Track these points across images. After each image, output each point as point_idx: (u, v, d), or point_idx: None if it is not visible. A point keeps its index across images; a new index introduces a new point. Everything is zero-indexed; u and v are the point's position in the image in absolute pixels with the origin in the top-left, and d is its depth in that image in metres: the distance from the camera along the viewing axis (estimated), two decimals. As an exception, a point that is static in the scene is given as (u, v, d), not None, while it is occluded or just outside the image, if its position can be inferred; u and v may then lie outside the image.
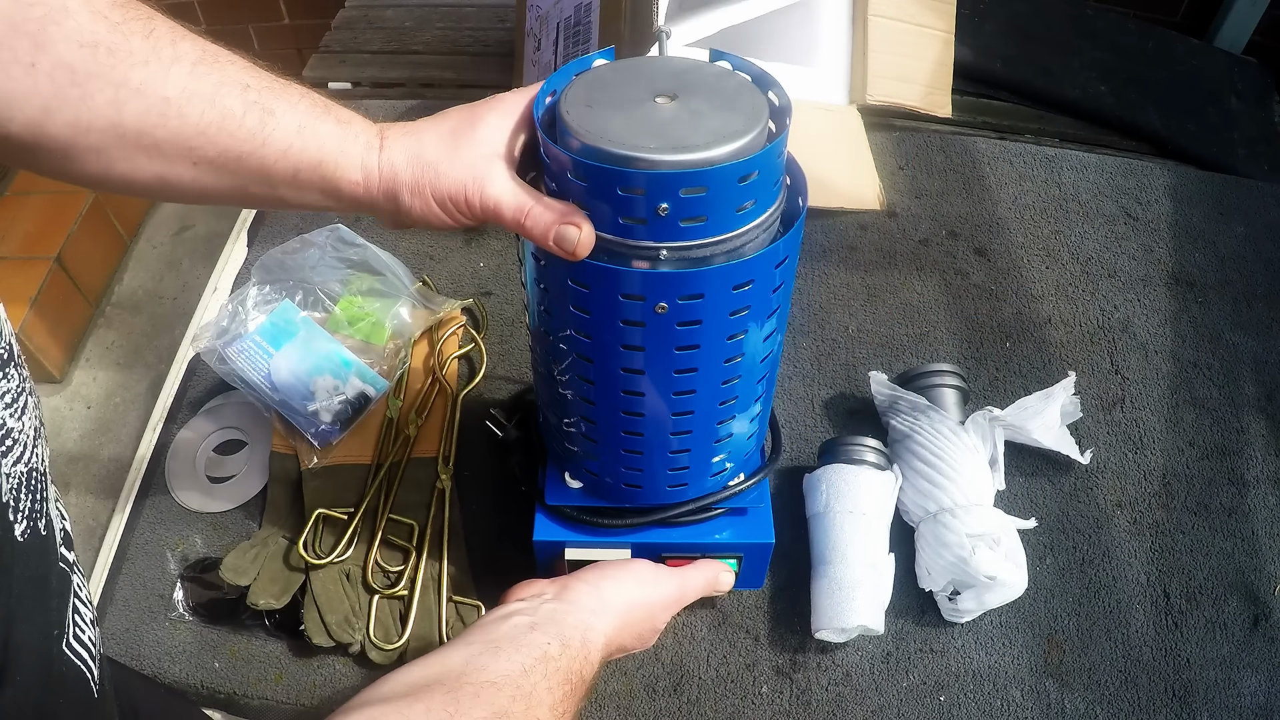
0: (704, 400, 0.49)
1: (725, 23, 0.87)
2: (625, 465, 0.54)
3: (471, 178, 0.43)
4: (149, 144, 0.39)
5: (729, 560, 0.59)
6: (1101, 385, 0.78)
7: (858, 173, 0.91)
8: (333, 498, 0.69)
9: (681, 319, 0.44)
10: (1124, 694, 0.62)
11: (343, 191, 0.44)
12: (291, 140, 0.42)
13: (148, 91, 0.38)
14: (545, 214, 0.42)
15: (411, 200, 0.44)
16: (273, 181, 0.43)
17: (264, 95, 0.41)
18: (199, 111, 0.39)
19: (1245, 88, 1.07)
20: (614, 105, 0.43)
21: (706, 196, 0.40)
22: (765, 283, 0.45)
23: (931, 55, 0.96)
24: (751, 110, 0.42)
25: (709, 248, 0.42)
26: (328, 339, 0.75)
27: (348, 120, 0.44)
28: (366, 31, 1.16)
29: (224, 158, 0.41)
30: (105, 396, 1.70)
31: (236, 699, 0.63)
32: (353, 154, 0.43)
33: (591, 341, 0.47)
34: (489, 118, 0.44)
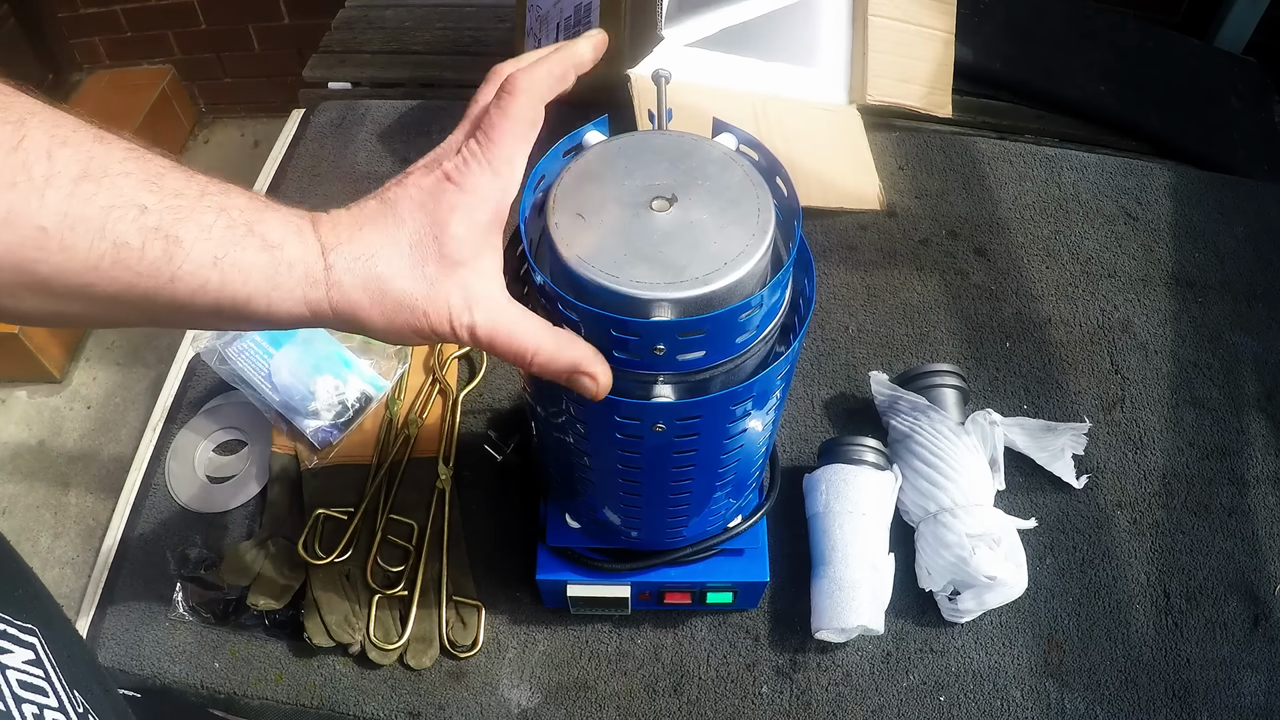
0: (702, 482, 0.50)
1: (725, 23, 0.87)
2: (624, 522, 0.55)
3: (456, 311, 0.37)
4: (30, 283, 0.32)
5: (724, 593, 0.61)
6: (1101, 385, 0.78)
7: (858, 173, 0.91)
8: (333, 498, 0.69)
9: (680, 433, 0.43)
10: (1124, 694, 0.62)
11: (281, 322, 0.37)
12: (207, 275, 0.34)
13: (17, 221, 0.30)
14: (553, 362, 0.37)
15: (384, 333, 0.38)
16: (192, 315, 0.35)
17: (167, 218, 0.33)
18: (86, 244, 0.31)
19: (1245, 88, 1.07)
20: (607, 214, 0.39)
21: (705, 337, 0.38)
22: (766, 393, 0.44)
23: (932, 55, 0.96)
24: (756, 218, 0.39)
25: (708, 371, 0.41)
26: (328, 339, 0.75)
27: (278, 242, 0.35)
28: (366, 31, 1.16)
29: (127, 295, 0.33)
30: (105, 396, 1.70)
31: (236, 699, 0.63)
32: (288, 287, 0.35)
33: (589, 441, 0.47)
34: (453, 225, 0.37)
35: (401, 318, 0.37)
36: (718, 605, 0.63)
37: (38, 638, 0.35)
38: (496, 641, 0.65)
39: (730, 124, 0.44)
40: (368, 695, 0.62)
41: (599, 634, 0.65)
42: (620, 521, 0.55)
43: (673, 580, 0.60)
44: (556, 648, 0.64)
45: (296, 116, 1.04)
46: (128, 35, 2.09)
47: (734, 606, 0.64)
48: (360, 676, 0.63)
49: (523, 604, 0.66)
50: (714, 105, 0.75)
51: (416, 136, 0.98)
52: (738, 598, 0.62)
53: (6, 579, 0.37)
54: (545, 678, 0.63)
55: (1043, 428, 0.71)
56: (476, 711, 0.62)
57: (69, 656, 0.37)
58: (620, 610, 0.62)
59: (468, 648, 0.64)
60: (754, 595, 0.63)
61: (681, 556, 0.58)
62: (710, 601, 0.62)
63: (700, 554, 0.58)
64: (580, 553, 0.59)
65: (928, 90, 0.96)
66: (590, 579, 0.60)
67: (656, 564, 0.59)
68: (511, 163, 0.38)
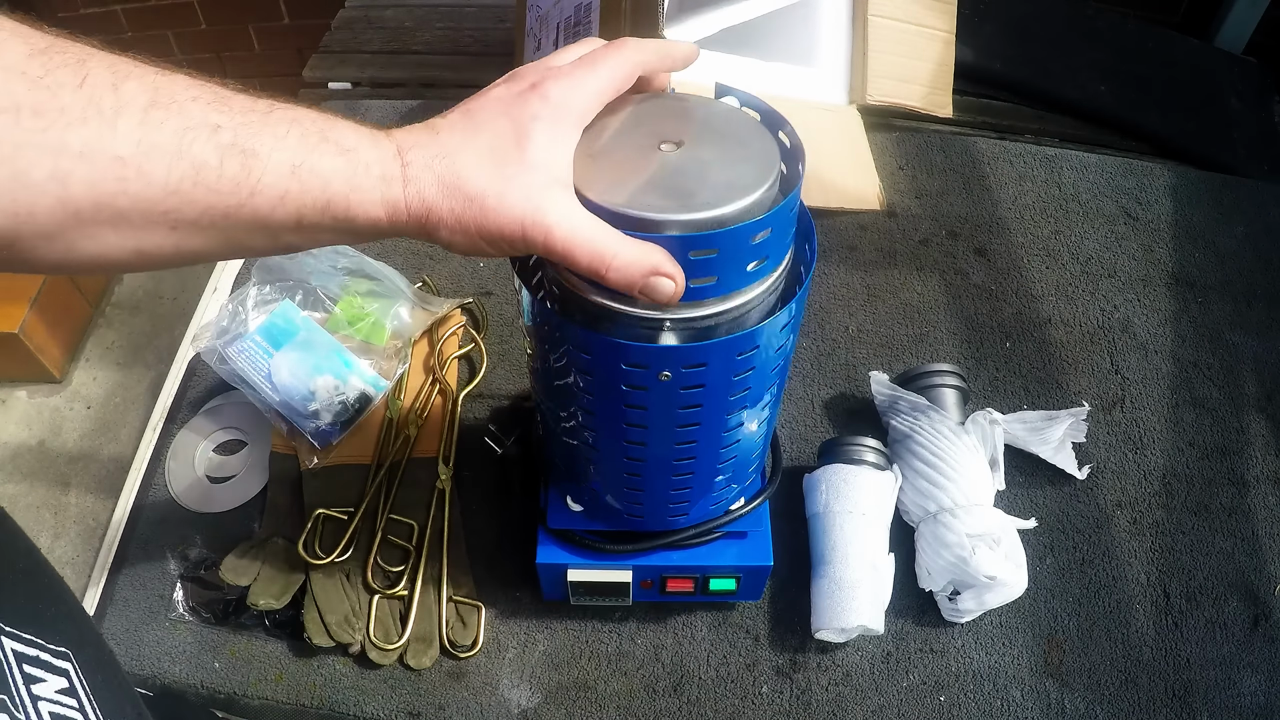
0: (706, 447, 0.49)
1: (725, 23, 0.87)
2: (627, 499, 0.55)
3: (530, 212, 0.36)
4: (111, 216, 0.32)
5: (727, 580, 0.60)
6: (1101, 385, 0.78)
7: (858, 173, 0.91)
8: (333, 498, 0.69)
9: (686, 384, 0.44)
10: (1124, 694, 0.62)
11: (361, 230, 0.37)
12: (287, 185, 0.34)
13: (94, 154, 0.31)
14: (632, 266, 0.36)
15: (451, 236, 0.37)
16: (272, 231, 0.36)
17: (241, 134, 0.33)
18: (164, 168, 0.32)
19: (1245, 88, 1.07)
20: (618, 154, 0.40)
21: (717, 257, 0.38)
22: (771, 345, 0.44)
23: (932, 55, 0.96)
24: (762, 158, 0.40)
25: (714, 317, 0.41)
26: (328, 339, 0.75)
27: (352, 146, 0.36)
28: (366, 31, 1.16)
29: (208, 216, 0.34)
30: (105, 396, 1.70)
31: (236, 699, 0.63)
32: (367, 189, 0.36)
33: (594, 398, 0.46)
34: (536, 131, 0.37)
35: (470, 214, 0.36)
36: (721, 594, 0.62)
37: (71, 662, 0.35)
38: (496, 641, 0.65)
39: (733, 87, 0.45)
40: (368, 695, 0.63)
41: (599, 634, 0.65)
42: (623, 501, 0.55)
43: (675, 564, 0.59)
44: (556, 648, 0.64)
45: (296, 116, 1.04)
46: (128, 35, 2.09)
47: (737, 597, 0.63)
48: (360, 676, 0.63)
49: (523, 604, 0.66)
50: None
51: (416, 136, 0.98)
52: (741, 585, 0.60)
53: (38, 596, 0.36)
54: (545, 678, 0.63)
55: (1043, 418, 0.71)
56: (476, 711, 0.62)
57: (102, 680, 0.36)
58: (621, 599, 0.61)
59: (468, 648, 0.64)
60: (757, 584, 0.62)
61: (684, 538, 0.57)
62: (713, 589, 0.61)
63: (703, 536, 0.58)
64: (581, 535, 0.58)
65: (928, 90, 0.96)
66: (591, 561, 0.58)
67: (659, 545, 0.58)
68: (600, 96, 0.38)
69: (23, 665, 0.32)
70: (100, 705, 0.35)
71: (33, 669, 0.33)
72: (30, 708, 0.31)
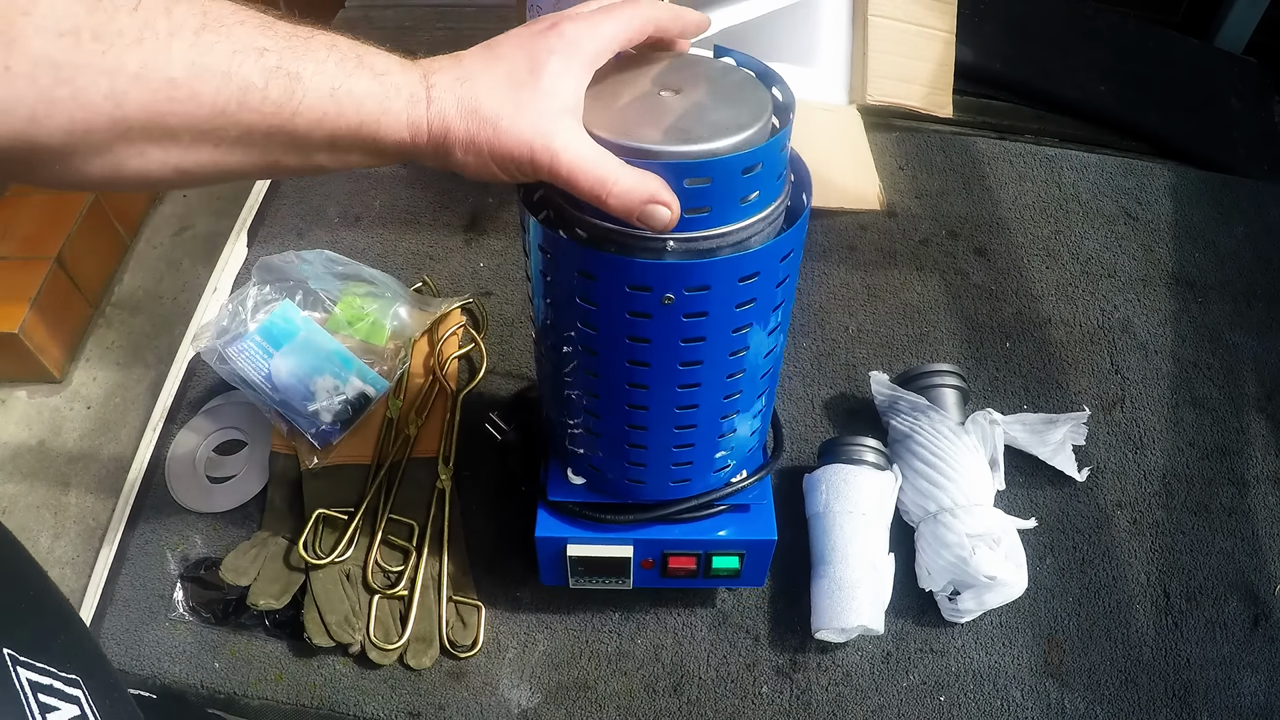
0: (708, 394, 0.49)
1: (725, 23, 0.87)
2: (628, 460, 0.54)
3: (539, 137, 0.39)
4: (161, 134, 0.34)
5: (731, 557, 0.59)
6: (1101, 385, 0.78)
7: (858, 173, 0.91)
8: (333, 498, 0.69)
9: (688, 311, 0.44)
10: (1124, 694, 0.62)
11: (386, 151, 0.40)
12: (325, 107, 0.37)
13: (149, 75, 0.33)
14: (631, 193, 0.39)
15: (465, 157, 0.40)
16: (308, 151, 0.38)
17: (285, 58, 0.36)
18: (213, 89, 0.34)
19: (1245, 88, 1.07)
20: (619, 96, 0.43)
21: (711, 188, 0.40)
22: (770, 276, 0.45)
23: (932, 55, 0.96)
24: (755, 104, 0.43)
25: (715, 239, 0.43)
26: (328, 339, 0.75)
27: (385, 70, 0.38)
28: (366, 31, 1.16)
29: (250, 136, 0.36)
30: (105, 396, 1.70)
31: (236, 699, 0.63)
32: (396, 111, 0.38)
33: (597, 334, 0.47)
34: (550, 63, 0.39)
35: (484, 134, 0.39)
36: (724, 576, 0.60)
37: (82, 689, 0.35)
38: (496, 641, 0.65)
39: (730, 48, 0.47)
40: (368, 695, 0.62)
41: (599, 634, 0.65)
42: (625, 464, 0.54)
43: (677, 538, 0.57)
44: (556, 648, 0.64)
45: (296, 116, 1.04)
46: (128, 35, 2.09)
47: (740, 581, 0.61)
48: (360, 676, 0.63)
49: (523, 604, 0.66)
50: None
51: (416, 136, 0.98)
52: (744, 564, 0.59)
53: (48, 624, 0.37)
54: (545, 678, 0.63)
55: (1043, 421, 0.71)
56: (476, 711, 0.62)
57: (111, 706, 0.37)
58: (622, 581, 0.60)
59: (468, 648, 0.64)
60: (760, 564, 0.60)
61: (686, 508, 0.56)
62: (716, 569, 0.59)
63: (705, 508, 0.57)
64: (581, 508, 0.57)
65: (928, 90, 0.96)
66: (591, 534, 0.57)
67: (661, 516, 0.57)
68: (612, 41, 0.41)
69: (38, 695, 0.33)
70: None
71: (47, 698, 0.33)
72: None
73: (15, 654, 0.33)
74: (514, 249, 0.88)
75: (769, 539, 0.58)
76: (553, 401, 0.56)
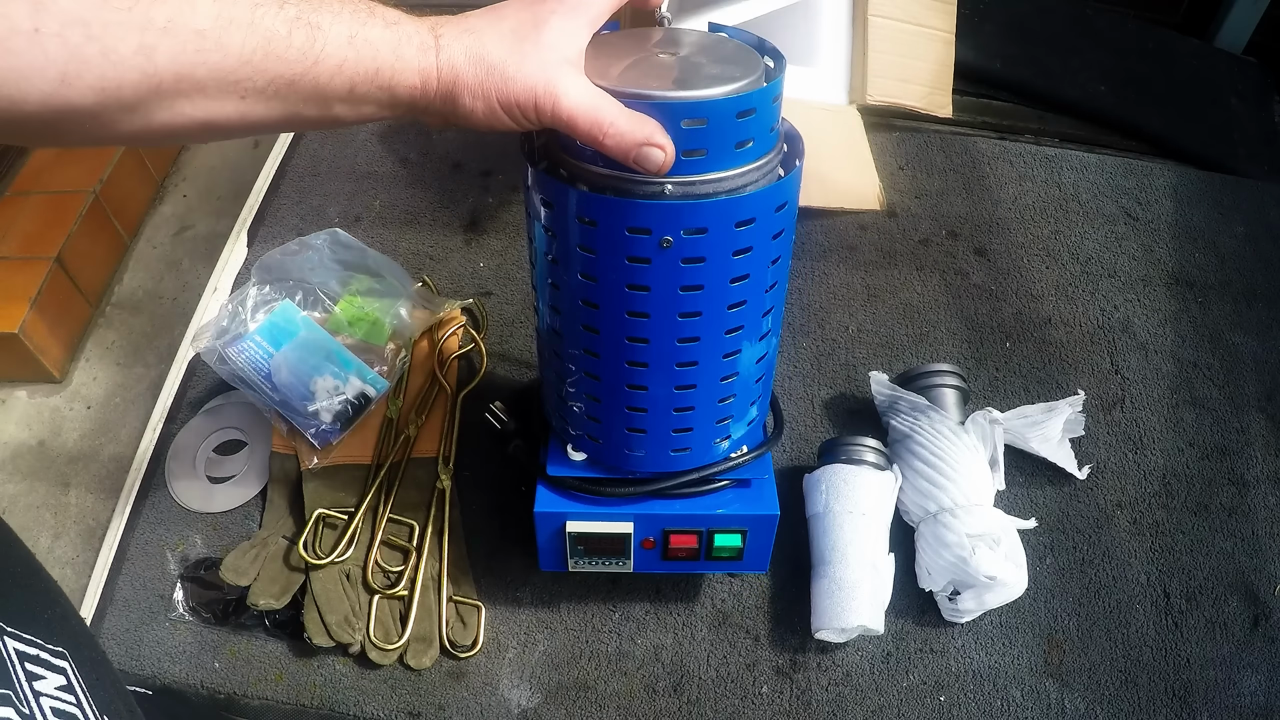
0: (707, 349, 0.49)
1: (725, 23, 0.87)
2: (628, 426, 0.53)
3: (542, 82, 0.41)
4: (189, 87, 0.35)
5: (733, 535, 0.57)
6: (1101, 385, 0.78)
7: (858, 173, 0.91)
8: (333, 498, 0.69)
9: (686, 255, 0.45)
10: (1124, 694, 0.62)
11: (399, 98, 0.41)
12: (345, 54, 0.38)
13: (177, 28, 0.34)
14: (627, 135, 0.41)
15: (473, 103, 0.41)
16: (327, 100, 0.39)
17: (305, 9, 0.37)
18: (239, 40, 0.35)
19: (1245, 88, 1.07)
20: (619, 58, 0.45)
21: (706, 130, 0.42)
22: (766, 224, 0.46)
23: (932, 55, 0.96)
24: (749, 64, 0.45)
25: (711, 184, 0.44)
26: (328, 339, 0.75)
27: (396, 20, 0.40)
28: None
29: (274, 85, 0.37)
30: (105, 396, 1.70)
31: (236, 699, 0.63)
32: (408, 57, 0.40)
33: (597, 284, 0.47)
34: (552, 20, 0.41)
35: (492, 81, 0.40)
36: (726, 559, 0.59)
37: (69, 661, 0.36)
38: (496, 641, 0.65)
39: (726, 25, 0.51)
40: (368, 695, 0.62)
41: (599, 634, 0.65)
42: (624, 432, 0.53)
43: (678, 513, 0.57)
44: (556, 648, 0.64)
45: (297, 116, 1.04)
46: (128, 35, 2.09)
47: (742, 565, 0.60)
48: (360, 676, 0.63)
49: (523, 604, 0.66)
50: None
51: (416, 136, 0.98)
52: (747, 544, 0.58)
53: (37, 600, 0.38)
54: (545, 678, 0.63)
55: (1042, 411, 0.71)
56: (476, 711, 0.62)
57: (97, 679, 0.37)
58: (623, 563, 0.59)
59: (468, 648, 0.64)
60: (763, 544, 0.59)
61: (687, 482, 0.56)
62: (718, 549, 0.58)
63: (706, 482, 0.56)
64: (581, 482, 0.57)
65: (928, 90, 0.96)
66: (591, 510, 0.57)
67: (662, 489, 0.56)
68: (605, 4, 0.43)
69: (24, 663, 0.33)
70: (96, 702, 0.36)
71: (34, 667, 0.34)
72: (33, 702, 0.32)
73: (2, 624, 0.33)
74: (514, 249, 0.88)
75: (771, 514, 0.56)
76: (553, 366, 0.55)
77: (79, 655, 0.37)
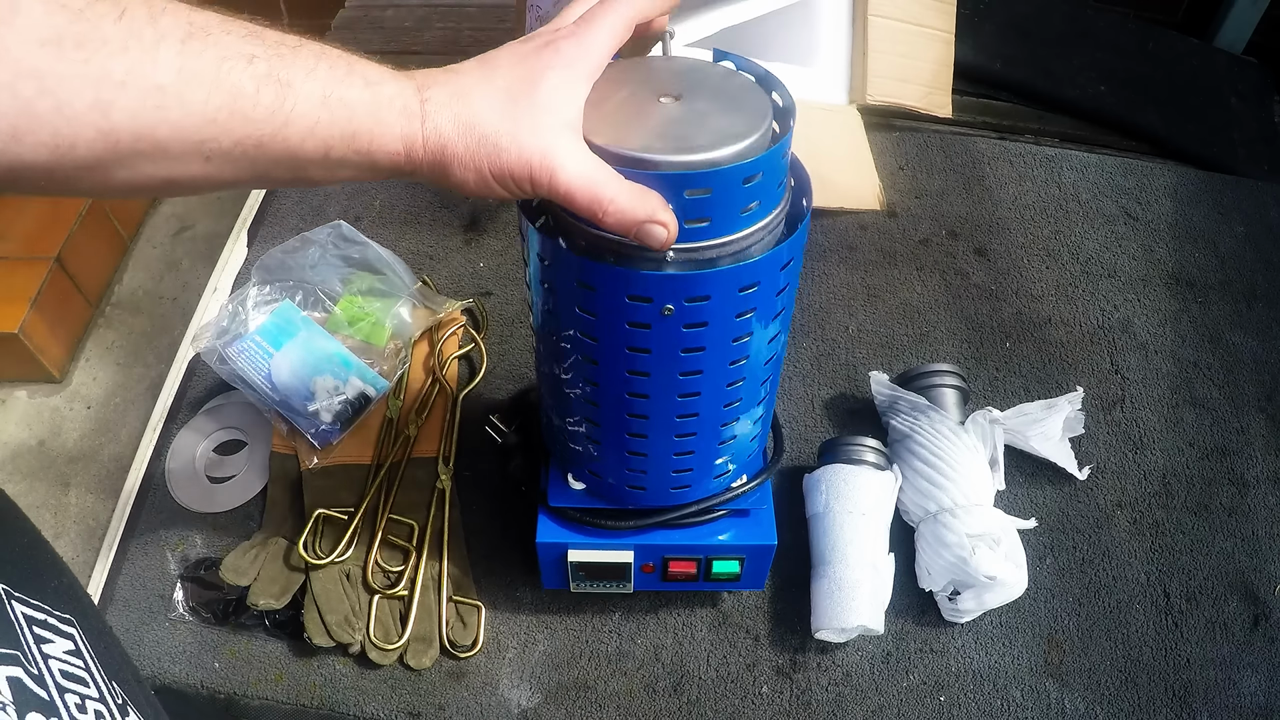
0: (709, 402, 0.49)
1: (725, 23, 0.87)
2: (628, 467, 0.54)
3: (538, 155, 0.38)
4: (149, 146, 0.33)
5: (731, 562, 0.59)
6: (1101, 385, 0.78)
7: (858, 173, 0.91)
8: (333, 498, 0.69)
9: (688, 321, 0.44)
10: (1124, 694, 0.62)
11: (379, 165, 0.38)
12: (318, 114, 0.35)
13: (136, 83, 0.31)
14: (627, 212, 0.38)
15: (463, 175, 0.39)
16: (299, 163, 0.37)
17: (275, 65, 0.35)
18: (203, 96, 0.33)
19: (1245, 88, 1.07)
20: (619, 104, 0.43)
21: (711, 198, 0.40)
22: (770, 284, 0.45)
23: (932, 55, 0.96)
24: (756, 111, 0.42)
25: (715, 249, 0.42)
26: (328, 339, 0.75)
27: (377, 81, 0.37)
28: (366, 31, 1.16)
29: (241, 146, 0.35)
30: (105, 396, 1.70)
31: (236, 699, 0.63)
32: (389, 122, 0.37)
33: (597, 343, 0.47)
34: (549, 77, 0.39)
35: (484, 152, 0.38)
36: (724, 580, 0.60)
37: (76, 628, 0.36)
38: (496, 641, 0.65)
39: (730, 52, 0.47)
40: (368, 695, 0.63)
41: (599, 634, 0.65)
42: (625, 471, 0.54)
43: (677, 543, 0.58)
44: (556, 648, 0.64)
45: (296, 116, 1.04)
46: (128, 35, 2.09)
47: (740, 585, 0.61)
48: (360, 676, 0.63)
49: (523, 604, 0.66)
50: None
51: (416, 136, 0.98)
52: (745, 569, 0.59)
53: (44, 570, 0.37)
54: (545, 678, 0.63)
55: (1041, 408, 0.71)
56: (476, 711, 0.62)
57: (105, 648, 0.37)
58: (623, 585, 0.61)
59: (468, 648, 0.64)
60: (760, 568, 0.60)
61: (687, 514, 0.57)
62: (716, 574, 0.59)
63: (706, 513, 0.57)
64: (582, 514, 0.57)
65: (928, 90, 0.96)
66: (592, 540, 0.58)
67: (661, 521, 0.57)
68: (606, 50, 0.40)
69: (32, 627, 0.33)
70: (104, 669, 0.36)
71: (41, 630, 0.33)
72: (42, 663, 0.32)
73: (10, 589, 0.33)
74: (514, 249, 0.89)
75: (769, 544, 0.58)
76: (552, 405, 0.56)
77: (86, 624, 0.37)
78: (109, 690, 0.35)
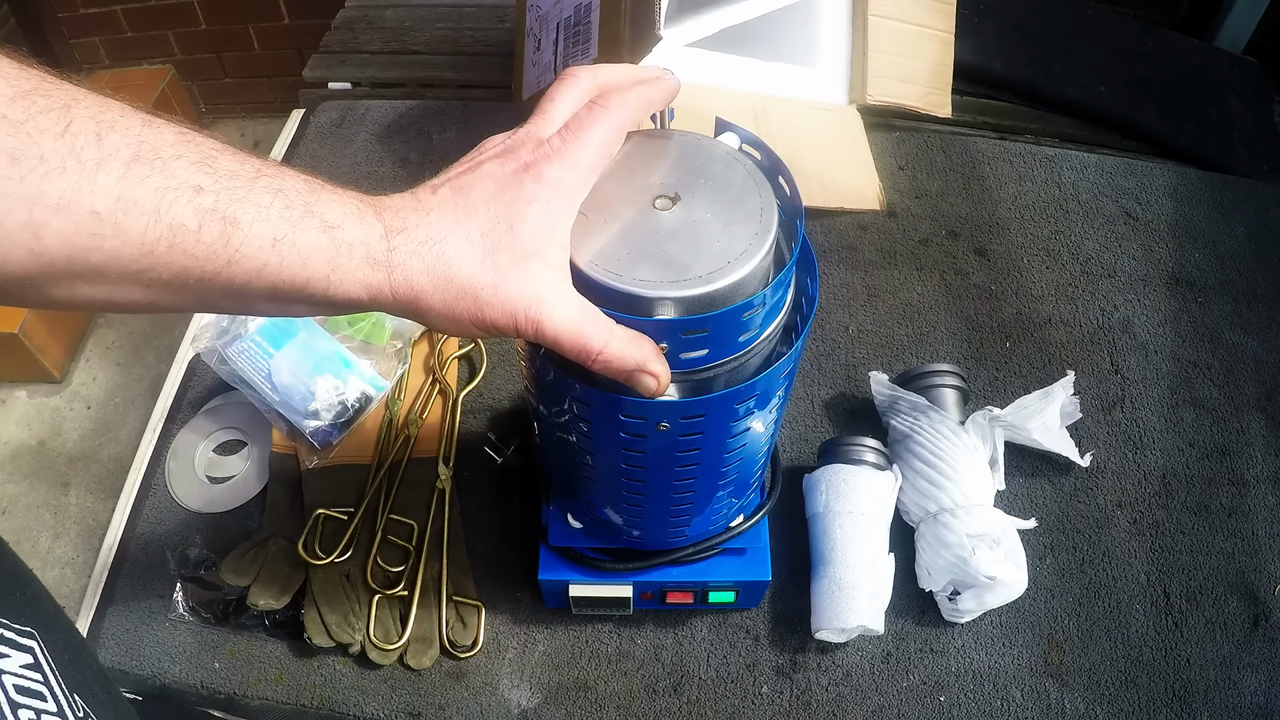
0: (705, 480, 0.50)
1: (725, 23, 0.87)
2: (627, 518, 0.55)
3: (522, 306, 0.35)
4: (85, 270, 0.31)
5: (726, 592, 0.61)
6: (1101, 385, 0.78)
7: (858, 173, 0.91)
8: (333, 498, 0.69)
9: (684, 432, 0.44)
10: (1124, 694, 0.62)
11: (340, 306, 0.36)
12: (265, 258, 0.33)
13: (71, 207, 0.29)
14: (615, 362, 0.36)
15: (442, 324, 0.37)
16: (246, 298, 0.35)
17: (223, 199, 0.32)
18: (141, 227, 0.30)
19: (1245, 88, 1.07)
20: (611, 213, 0.39)
21: (708, 335, 0.39)
22: (771, 391, 0.45)
23: (931, 55, 0.96)
24: (759, 218, 0.39)
25: (712, 370, 0.41)
26: (328, 339, 0.75)
27: (337, 223, 0.34)
28: (366, 31, 1.16)
29: (181, 279, 0.32)
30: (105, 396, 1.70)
31: (236, 699, 0.63)
32: (349, 270, 0.34)
33: (593, 441, 0.47)
34: (530, 214, 0.36)
35: (464, 306, 0.36)
36: (720, 604, 0.63)
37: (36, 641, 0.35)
38: (496, 641, 0.65)
39: (733, 123, 0.44)
40: (368, 695, 0.63)
41: (599, 634, 0.65)
42: (622, 522, 0.55)
43: (675, 580, 0.60)
44: (556, 648, 0.64)
45: (296, 117, 1.04)
46: (128, 35, 2.09)
47: (736, 606, 0.64)
48: (360, 676, 0.63)
49: (523, 604, 0.66)
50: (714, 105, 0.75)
51: (416, 137, 0.98)
52: (740, 597, 0.62)
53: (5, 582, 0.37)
54: (545, 678, 0.63)
55: (1038, 398, 0.70)
56: (476, 711, 0.62)
57: (70, 660, 0.37)
58: (622, 610, 0.62)
59: (468, 648, 0.64)
60: (756, 594, 0.63)
61: (684, 556, 0.58)
62: (712, 600, 0.62)
63: (702, 553, 0.59)
64: (582, 553, 0.59)
65: (928, 90, 0.96)
66: (592, 578, 0.60)
67: (659, 563, 0.59)
68: (594, 169, 0.38)
69: None
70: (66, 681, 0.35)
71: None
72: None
73: None
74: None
75: (763, 580, 0.60)
76: (550, 462, 0.56)
77: (49, 637, 0.36)
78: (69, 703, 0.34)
